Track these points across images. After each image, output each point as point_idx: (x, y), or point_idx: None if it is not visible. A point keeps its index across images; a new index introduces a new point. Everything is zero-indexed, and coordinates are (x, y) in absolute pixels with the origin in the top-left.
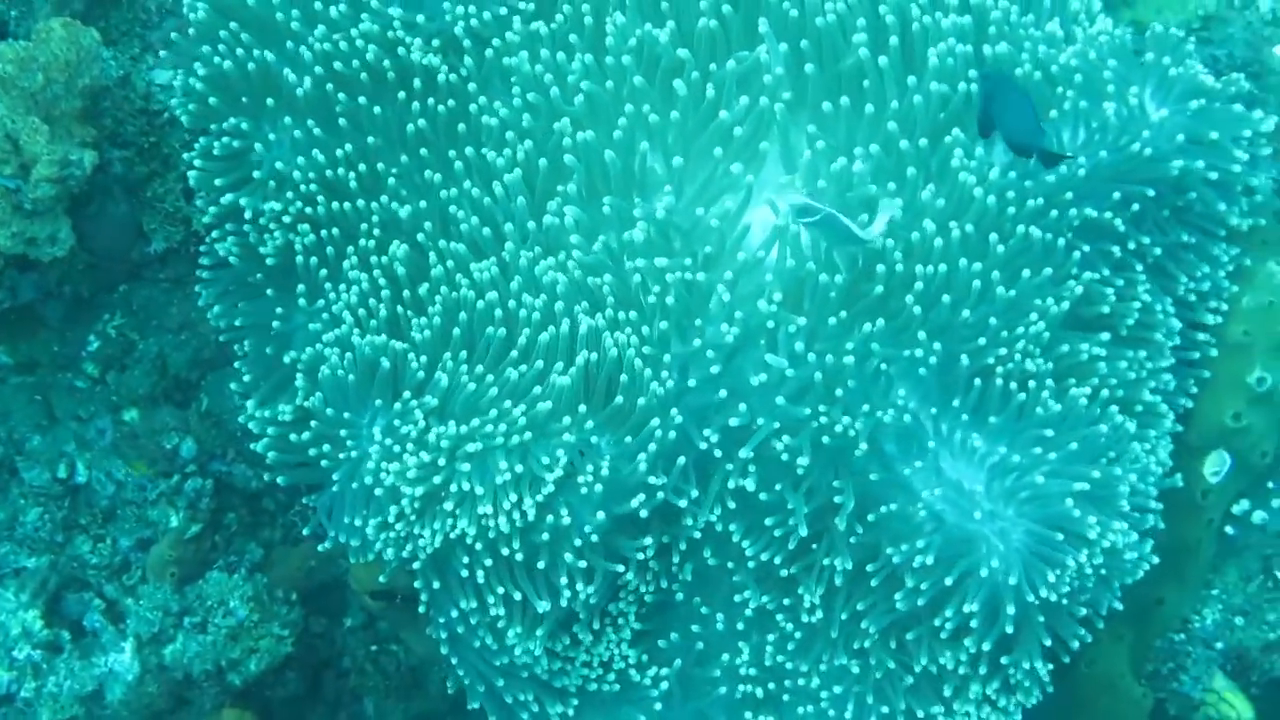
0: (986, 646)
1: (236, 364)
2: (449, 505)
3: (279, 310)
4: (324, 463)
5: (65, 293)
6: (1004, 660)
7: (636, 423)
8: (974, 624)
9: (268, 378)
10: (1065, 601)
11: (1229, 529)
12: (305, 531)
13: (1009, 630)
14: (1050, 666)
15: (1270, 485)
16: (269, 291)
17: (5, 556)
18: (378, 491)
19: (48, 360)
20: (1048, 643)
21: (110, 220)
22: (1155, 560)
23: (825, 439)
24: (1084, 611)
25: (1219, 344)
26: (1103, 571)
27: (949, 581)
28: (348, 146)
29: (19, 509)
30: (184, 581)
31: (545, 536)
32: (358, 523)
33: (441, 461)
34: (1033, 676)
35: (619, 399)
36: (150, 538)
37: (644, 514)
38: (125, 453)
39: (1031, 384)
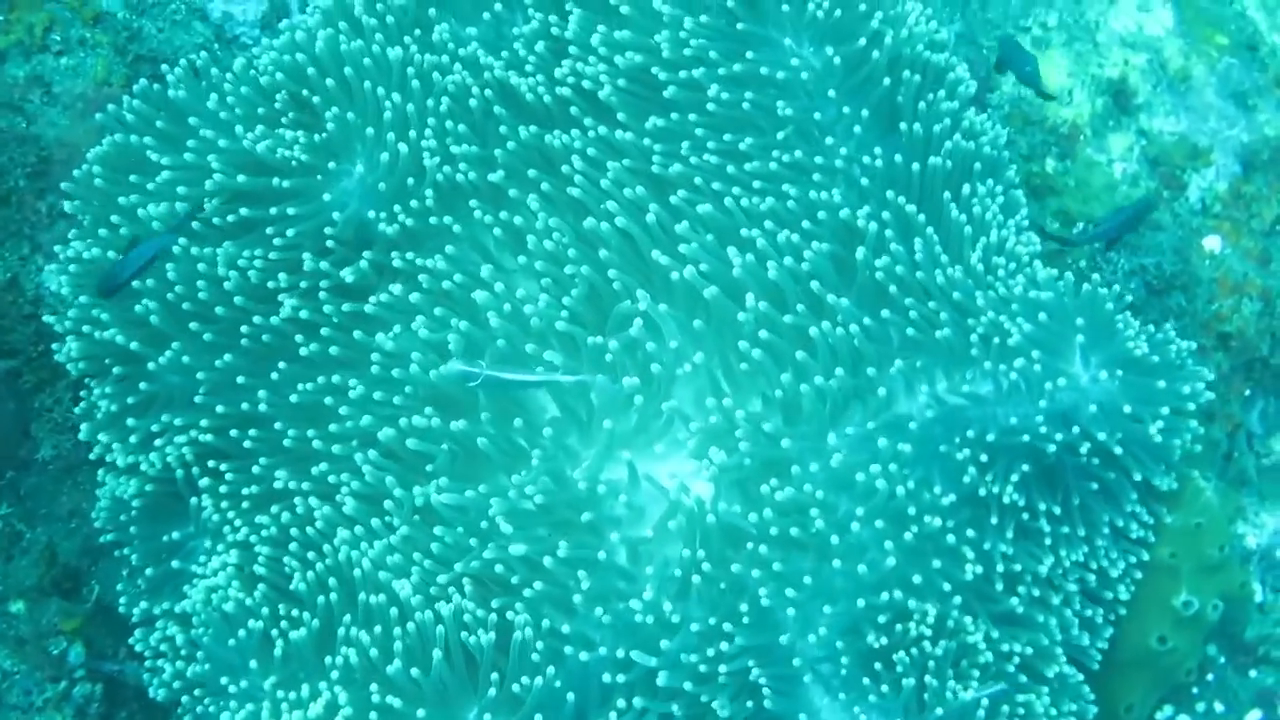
0: None
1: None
2: None
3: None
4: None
5: None
6: None
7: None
8: None
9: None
10: None
11: None
12: None
13: None
14: None
15: (1195, 691)
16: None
17: None
18: None
19: None
20: None
21: None
22: None
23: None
24: None
25: (1145, 565)
26: None
27: None
28: (220, 409)
29: None
30: None
31: None
32: None
33: None
34: None
35: (515, 687)
36: None
37: None
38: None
39: (930, 667)
